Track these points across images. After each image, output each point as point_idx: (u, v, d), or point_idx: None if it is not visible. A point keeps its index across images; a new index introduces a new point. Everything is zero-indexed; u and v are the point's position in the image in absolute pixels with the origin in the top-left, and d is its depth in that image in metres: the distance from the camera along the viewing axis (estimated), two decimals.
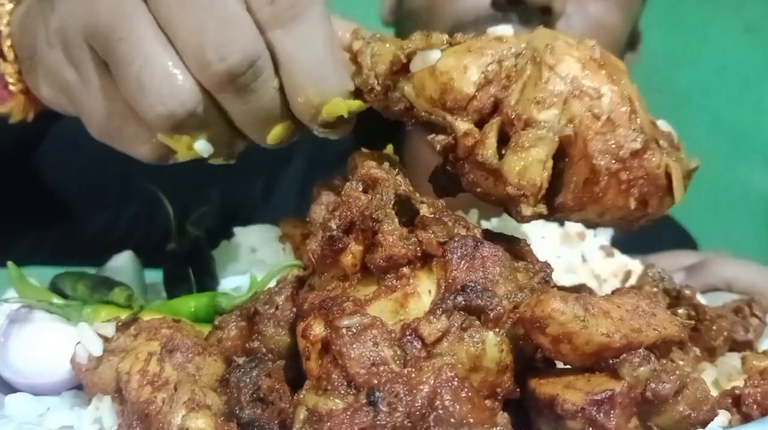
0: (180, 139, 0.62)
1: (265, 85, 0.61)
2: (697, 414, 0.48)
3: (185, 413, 0.53)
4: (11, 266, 0.71)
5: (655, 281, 0.75)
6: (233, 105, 0.61)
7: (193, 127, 0.61)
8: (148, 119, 0.60)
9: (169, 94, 0.58)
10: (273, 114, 0.62)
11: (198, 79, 0.59)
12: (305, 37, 0.60)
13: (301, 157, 1.33)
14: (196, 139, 0.63)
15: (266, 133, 0.64)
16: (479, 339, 0.50)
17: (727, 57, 2.28)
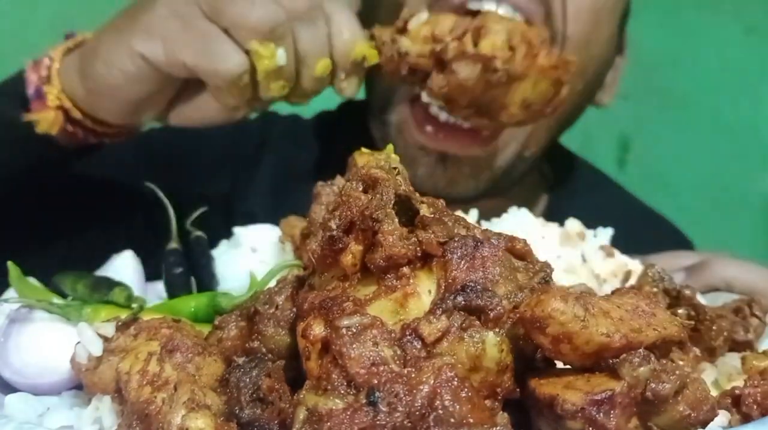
0: (268, 46, 0.88)
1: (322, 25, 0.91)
2: (697, 414, 0.48)
3: (185, 413, 0.53)
4: (11, 266, 0.71)
5: (655, 281, 0.75)
6: (303, 31, 0.90)
7: (280, 37, 0.88)
8: (254, 24, 0.87)
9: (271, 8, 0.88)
10: (324, 48, 0.91)
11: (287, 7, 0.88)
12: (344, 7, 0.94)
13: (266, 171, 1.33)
14: (278, 48, 0.88)
15: (315, 63, 0.91)
16: (479, 339, 0.50)
17: (727, 57, 2.28)
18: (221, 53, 0.88)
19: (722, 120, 2.30)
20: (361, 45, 0.93)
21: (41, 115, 0.96)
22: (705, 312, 0.72)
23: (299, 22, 0.89)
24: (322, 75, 0.93)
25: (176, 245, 0.87)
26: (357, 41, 0.93)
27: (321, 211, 0.74)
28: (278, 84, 0.92)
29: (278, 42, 0.89)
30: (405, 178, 0.58)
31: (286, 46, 0.89)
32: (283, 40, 0.89)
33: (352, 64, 0.93)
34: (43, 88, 0.97)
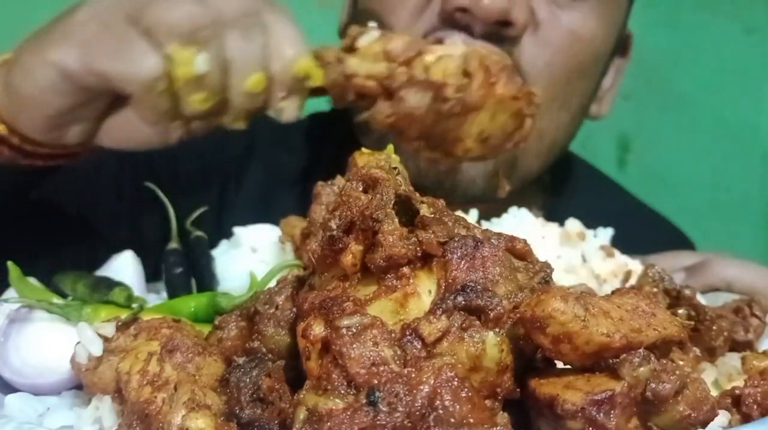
0: (185, 51, 0.76)
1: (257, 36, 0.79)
2: (697, 414, 0.48)
3: (185, 413, 0.53)
4: (11, 266, 0.71)
5: (655, 281, 0.75)
6: (233, 39, 0.78)
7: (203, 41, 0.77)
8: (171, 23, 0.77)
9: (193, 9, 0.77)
10: (257, 60, 0.79)
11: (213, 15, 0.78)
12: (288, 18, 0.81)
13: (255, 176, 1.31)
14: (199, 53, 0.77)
15: (247, 77, 0.79)
16: (479, 339, 0.50)
17: (727, 57, 2.27)
18: (134, 56, 0.78)
19: (722, 120, 2.30)
20: (304, 62, 0.81)
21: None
22: (705, 312, 0.72)
23: (230, 27, 0.78)
24: (253, 91, 0.80)
25: (176, 245, 0.87)
26: (299, 57, 0.80)
27: (321, 211, 0.74)
28: (199, 96, 0.79)
29: (200, 47, 0.77)
30: (405, 178, 0.58)
31: (210, 53, 0.78)
32: (207, 45, 0.78)
33: (292, 81, 0.81)
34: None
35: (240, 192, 1.30)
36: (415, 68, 0.81)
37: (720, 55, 2.27)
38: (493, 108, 0.83)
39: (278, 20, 0.81)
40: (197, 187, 1.29)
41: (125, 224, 1.26)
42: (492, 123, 0.84)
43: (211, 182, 1.30)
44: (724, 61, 2.27)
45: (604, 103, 1.29)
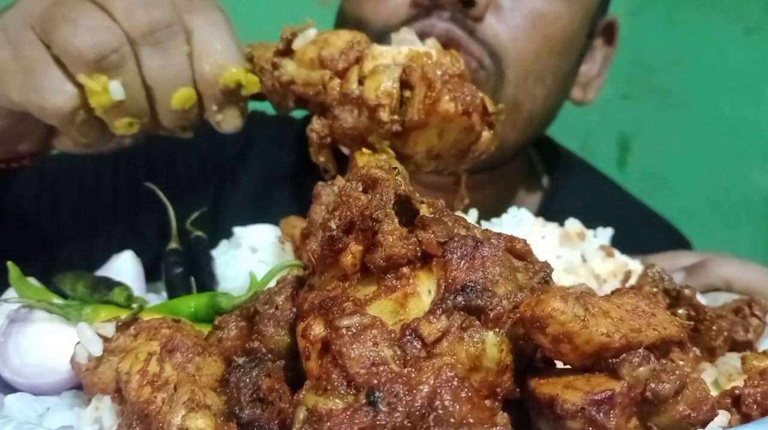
0: (98, 79, 0.71)
1: (177, 46, 0.73)
2: (697, 414, 0.48)
3: (185, 413, 0.53)
4: (11, 266, 0.71)
5: (655, 281, 0.75)
6: (148, 57, 0.73)
7: (112, 66, 0.71)
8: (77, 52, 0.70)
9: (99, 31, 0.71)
10: (179, 75, 0.74)
11: (124, 29, 0.71)
12: (214, 19, 0.76)
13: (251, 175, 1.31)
14: (112, 80, 0.72)
15: (170, 94, 0.74)
16: (479, 339, 0.50)
17: (727, 57, 2.27)
18: (47, 87, 0.72)
19: (722, 120, 2.30)
20: (233, 70, 0.75)
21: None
22: (705, 312, 0.72)
23: (143, 45, 0.73)
24: (182, 107, 0.75)
25: (176, 244, 0.87)
26: (225, 65, 0.75)
27: (321, 211, 0.74)
28: (123, 122, 0.75)
29: (112, 73, 0.72)
30: (405, 178, 0.58)
31: (126, 77, 0.73)
32: (120, 69, 0.72)
33: (222, 93, 0.76)
34: None
35: (237, 189, 1.30)
36: (349, 80, 0.75)
37: (720, 55, 2.27)
38: (438, 125, 0.75)
39: (203, 24, 0.75)
40: (195, 185, 1.29)
41: (125, 224, 1.26)
42: (441, 140, 0.77)
43: (209, 180, 1.31)
44: (724, 61, 2.27)
45: (590, 89, 1.30)
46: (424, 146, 0.76)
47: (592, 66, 1.28)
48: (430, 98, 0.73)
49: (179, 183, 1.28)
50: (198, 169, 1.31)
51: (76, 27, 0.70)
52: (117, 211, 1.27)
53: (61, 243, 1.21)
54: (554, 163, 1.41)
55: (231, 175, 1.31)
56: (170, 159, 1.29)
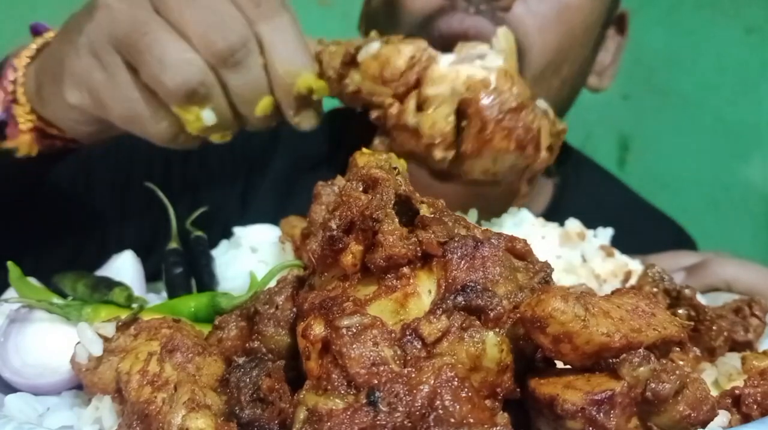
0: (191, 110, 0.77)
1: (254, 62, 0.77)
2: (697, 414, 0.48)
3: (185, 413, 0.53)
4: (11, 266, 0.71)
5: (655, 281, 0.75)
6: (231, 78, 0.77)
7: (201, 97, 0.77)
8: (168, 91, 0.75)
9: (185, 67, 0.75)
10: (260, 87, 0.79)
11: (205, 57, 0.75)
12: (283, 26, 0.78)
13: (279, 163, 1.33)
14: (204, 108, 0.77)
15: (254, 105, 0.79)
16: (479, 339, 0.50)
17: (727, 57, 2.28)
18: (145, 118, 0.79)
19: (722, 120, 2.30)
20: (305, 78, 0.79)
21: (18, 140, 0.89)
22: (705, 312, 0.72)
23: (225, 69, 0.77)
24: (264, 114, 0.81)
25: (176, 245, 0.87)
26: (298, 73, 0.78)
27: (321, 211, 0.74)
28: (218, 136, 0.82)
29: (203, 103, 0.77)
30: (405, 178, 0.58)
31: (215, 104, 0.78)
32: (209, 99, 0.78)
33: (296, 99, 0.80)
34: (12, 108, 0.89)
35: (265, 179, 1.32)
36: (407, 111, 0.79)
37: (720, 55, 2.27)
38: (493, 156, 0.79)
39: (272, 32, 0.78)
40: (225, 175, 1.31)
41: (125, 223, 1.26)
42: (495, 166, 0.80)
43: (239, 168, 1.32)
44: (724, 61, 2.27)
45: (605, 77, 1.31)
46: (479, 169, 0.80)
47: (606, 55, 1.30)
48: (483, 136, 0.76)
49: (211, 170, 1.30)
50: (228, 157, 1.32)
51: (162, 64, 0.75)
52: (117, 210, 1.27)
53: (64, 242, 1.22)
54: (564, 161, 1.41)
55: (260, 164, 1.32)
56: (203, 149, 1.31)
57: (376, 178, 0.55)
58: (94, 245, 1.23)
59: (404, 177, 0.58)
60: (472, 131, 0.76)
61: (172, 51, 0.75)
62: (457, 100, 0.78)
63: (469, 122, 0.77)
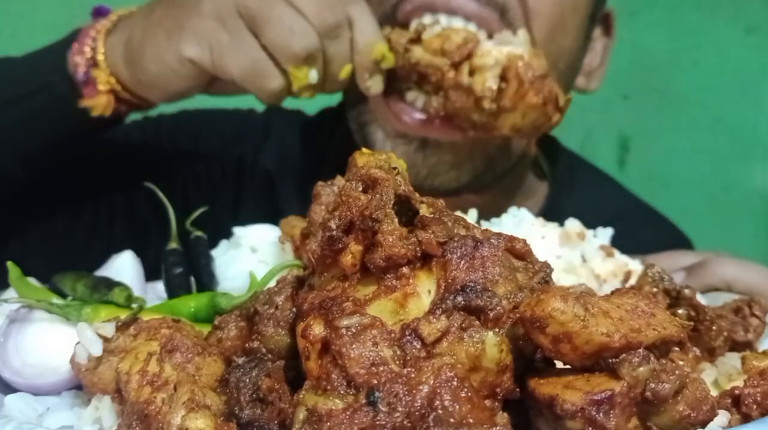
0: (302, 70, 0.97)
1: (346, 35, 0.99)
2: (696, 414, 0.48)
3: (185, 413, 0.53)
4: (11, 265, 0.71)
5: (655, 281, 0.75)
6: (331, 46, 0.98)
7: (312, 60, 0.97)
8: (293, 53, 0.95)
9: (307, 35, 0.95)
10: (347, 54, 1.00)
11: (317, 30, 0.96)
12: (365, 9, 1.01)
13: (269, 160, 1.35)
14: (311, 69, 0.98)
15: (341, 69, 1.00)
16: (479, 339, 0.50)
17: (727, 57, 2.28)
18: (265, 75, 0.96)
19: (722, 120, 2.30)
20: (380, 46, 1.01)
21: (95, 100, 1.02)
22: (705, 312, 0.72)
23: (328, 39, 0.97)
24: (345, 79, 1.02)
25: (176, 245, 0.87)
26: (375, 44, 1.00)
27: (321, 211, 0.74)
28: (309, 93, 1.01)
29: (311, 64, 0.97)
30: (405, 179, 0.58)
31: (317, 65, 0.98)
32: (316, 61, 0.97)
33: (373, 65, 1.01)
34: (92, 72, 1.01)
35: (256, 174, 1.35)
36: (462, 72, 1.00)
37: (720, 55, 2.27)
38: (523, 110, 1.01)
39: (358, 13, 0.99)
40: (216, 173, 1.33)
41: (125, 223, 1.26)
42: (523, 120, 1.03)
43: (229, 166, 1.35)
44: (724, 61, 2.27)
45: (593, 78, 1.33)
46: (510, 122, 1.03)
47: (593, 56, 1.30)
48: (520, 92, 0.99)
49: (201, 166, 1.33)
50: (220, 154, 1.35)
51: (291, 31, 0.94)
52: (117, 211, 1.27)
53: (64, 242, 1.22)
54: (558, 163, 1.41)
55: (250, 162, 1.36)
56: (194, 143, 1.34)
57: (375, 179, 0.55)
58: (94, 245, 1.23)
59: (404, 177, 0.58)
60: (511, 90, 0.99)
61: (298, 23, 0.94)
62: (500, 68, 0.99)
63: (509, 83, 0.99)
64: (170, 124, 1.34)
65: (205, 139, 1.35)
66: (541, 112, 1.02)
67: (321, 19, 0.96)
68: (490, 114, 1.02)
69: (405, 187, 0.56)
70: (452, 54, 1.01)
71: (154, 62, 0.98)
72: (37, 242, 1.20)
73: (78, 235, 1.23)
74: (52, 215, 1.21)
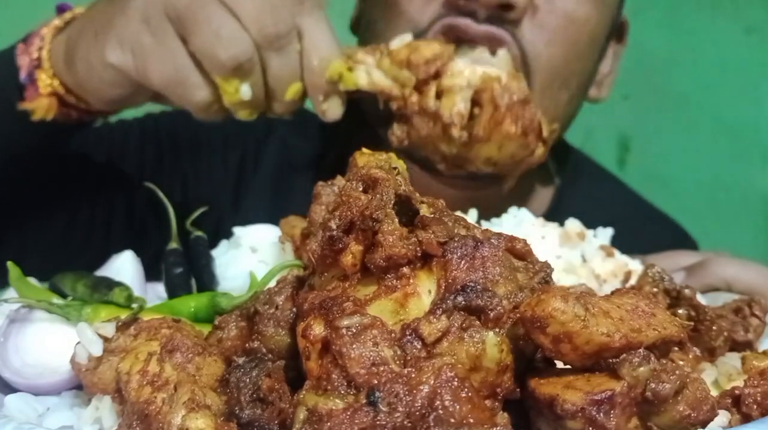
0: (232, 82, 0.85)
1: (294, 48, 0.86)
2: (697, 414, 0.48)
3: (185, 413, 0.53)
4: (11, 265, 0.71)
5: (655, 281, 0.75)
6: (272, 59, 0.86)
7: (244, 72, 0.85)
8: (219, 61, 0.83)
9: (237, 42, 0.83)
10: (294, 71, 0.87)
11: (254, 38, 0.84)
12: (320, 21, 0.87)
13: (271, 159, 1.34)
14: (243, 83, 0.85)
15: (286, 88, 0.88)
16: (479, 339, 0.50)
17: (727, 57, 2.28)
18: (188, 84, 0.86)
19: (722, 120, 2.30)
20: (336, 64, 0.88)
21: (36, 103, 0.95)
22: (705, 312, 0.72)
23: (269, 51, 0.86)
24: (293, 99, 0.89)
25: (176, 245, 0.87)
26: (331, 60, 0.87)
27: (321, 211, 0.74)
28: (246, 112, 0.90)
29: (244, 77, 0.86)
30: (405, 179, 0.58)
31: (253, 80, 0.86)
32: (249, 74, 0.86)
33: (328, 84, 0.89)
34: (35, 73, 0.95)
35: (257, 175, 1.33)
36: (428, 95, 0.89)
37: (720, 55, 2.27)
38: (499, 141, 0.90)
39: (311, 24, 0.87)
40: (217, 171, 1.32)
41: (125, 223, 1.26)
42: (500, 152, 0.92)
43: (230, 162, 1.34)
44: (724, 61, 2.27)
45: (603, 86, 1.30)
46: (484, 155, 0.92)
47: (605, 64, 1.28)
48: (495, 120, 0.88)
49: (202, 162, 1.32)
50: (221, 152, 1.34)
51: (216, 36, 0.83)
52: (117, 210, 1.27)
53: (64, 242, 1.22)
54: (565, 162, 1.41)
55: (253, 157, 1.34)
56: (194, 138, 1.33)
57: (376, 178, 0.55)
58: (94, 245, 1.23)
59: (404, 177, 0.58)
60: (485, 116, 0.88)
61: (227, 27, 0.83)
62: (472, 91, 0.88)
63: (483, 109, 0.88)
64: (170, 120, 1.32)
65: (205, 136, 1.34)
66: (521, 143, 0.90)
67: (259, 25, 0.84)
68: (462, 144, 0.90)
69: (405, 187, 0.56)
70: (419, 68, 0.89)
71: (83, 64, 0.91)
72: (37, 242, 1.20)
73: (77, 234, 1.23)
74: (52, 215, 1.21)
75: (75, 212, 1.23)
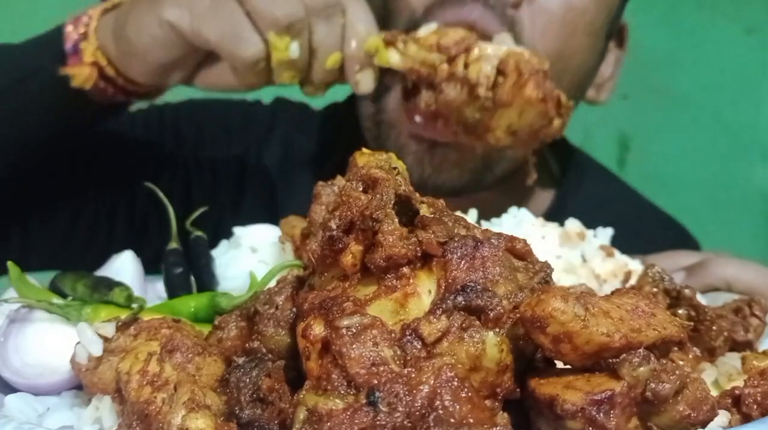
0: (283, 39, 0.93)
1: (338, 20, 0.96)
2: (697, 414, 0.48)
3: (185, 413, 0.53)
4: (11, 265, 0.71)
5: (655, 281, 0.75)
6: (319, 25, 0.95)
7: (295, 31, 0.94)
8: (274, 18, 0.92)
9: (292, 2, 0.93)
10: (336, 41, 0.97)
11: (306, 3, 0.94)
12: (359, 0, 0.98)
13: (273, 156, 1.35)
14: (293, 41, 0.94)
15: (328, 56, 0.97)
16: (479, 339, 0.50)
17: (727, 57, 2.28)
18: (242, 39, 0.93)
19: (722, 119, 2.30)
20: (374, 38, 0.97)
21: (77, 69, 1.02)
22: (705, 312, 0.72)
23: (317, 17, 0.94)
24: (332, 68, 0.97)
25: (176, 245, 0.86)
26: (369, 35, 0.97)
27: (321, 211, 0.74)
28: (289, 73, 0.97)
29: (294, 36, 0.94)
30: (405, 179, 0.58)
31: (301, 41, 0.94)
32: (299, 34, 0.94)
33: (365, 56, 0.97)
34: (81, 44, 1.02)
35: (258, 173, 1.35)
36: (457, 64, 0.96)
37: (720, 55, 2.27)
38: (521, 107, 0.96)
39: (354, 3, 0.97)
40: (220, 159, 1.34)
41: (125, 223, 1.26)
42: (520, 119, 0.98)
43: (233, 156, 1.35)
44: (724, 61, 2.27)
45: (603, 90, 1.31)
46: (506, 122, 0.97)
47: (606, 68, 1.29)
48: (518, 84, 0.94)
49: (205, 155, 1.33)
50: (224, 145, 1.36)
51: None
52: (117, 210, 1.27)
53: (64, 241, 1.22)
54: (567, 162, 1.40)
55: (254, 158, 1.35)
56: (199, 132, 1.34)
57: (376, 178, 0.55)
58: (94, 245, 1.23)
59: (404, 177, 0.58)
60: (508, 82, 0.94)
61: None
62: (497, 60, 0.95)
63: (508, 76, 0.94)
64: (174, 113, 1.34)
65: (209, 129, 1.35)
66: (540, 111, 0.96)
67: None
68: (485, 110, 0.97)
69: (405, 187, 0.56)
70: (449, 49, 0.96)
71: (135, 29, 0.97)
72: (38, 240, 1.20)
73: (78, 233, 1.23)
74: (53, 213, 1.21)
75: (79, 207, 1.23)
